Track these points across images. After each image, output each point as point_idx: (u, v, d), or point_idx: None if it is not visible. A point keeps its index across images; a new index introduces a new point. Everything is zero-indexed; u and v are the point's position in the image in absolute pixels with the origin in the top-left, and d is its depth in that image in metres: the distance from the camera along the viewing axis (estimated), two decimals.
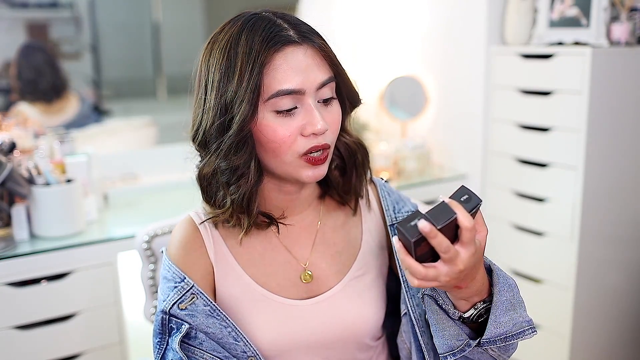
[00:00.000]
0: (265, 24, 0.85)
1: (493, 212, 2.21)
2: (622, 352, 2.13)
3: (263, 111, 0.85)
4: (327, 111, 0.88)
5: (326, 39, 0.89)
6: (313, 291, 0.97)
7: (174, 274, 0.92)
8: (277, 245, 0.98)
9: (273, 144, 0.86)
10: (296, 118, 0.86)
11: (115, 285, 1.70)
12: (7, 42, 2.68)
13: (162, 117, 2.82)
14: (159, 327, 0.90)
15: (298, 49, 0.85)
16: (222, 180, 0.89)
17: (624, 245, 2.04)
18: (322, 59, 0.87)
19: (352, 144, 0.97)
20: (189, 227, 0.96)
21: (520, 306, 0.85)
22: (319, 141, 0.86)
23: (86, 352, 1.67)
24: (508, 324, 0.83)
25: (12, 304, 1.56)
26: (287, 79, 0.84)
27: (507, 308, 0.83)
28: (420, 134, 2.44)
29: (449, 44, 2.28)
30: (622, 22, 1.86)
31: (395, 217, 1.01)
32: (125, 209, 2.00)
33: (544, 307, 2.03)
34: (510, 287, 0.84)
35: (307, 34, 0.86)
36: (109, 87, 3.05)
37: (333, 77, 0.88)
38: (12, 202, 1.62)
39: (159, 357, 0.91)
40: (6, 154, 1.65)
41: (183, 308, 0.89)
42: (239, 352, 0.91)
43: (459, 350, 0.84)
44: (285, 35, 0.84)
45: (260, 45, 0.83)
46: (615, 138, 1.92)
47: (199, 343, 0.90)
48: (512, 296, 0.84)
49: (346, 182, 0.99)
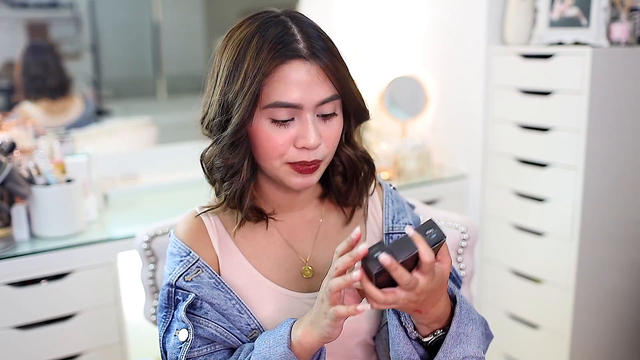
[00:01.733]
0: (278, 31, 0.85)
1: (493, 212, 2.21)
2: (622, 352, 2.13)
3: (259, 117, 0.86)
4: (325, 125, 0.89)
5: (339, 53, 0.89)
6: (314, 286, 0.98)
7: (179, 248, 0.95)
8: (279, 240, 0.99)
9: (264, 149, 0.88)
10: (291, 129, 0.87)
11: (115, 285, 1.70)
12: (7, 42, 2.68)
13: (162, 117, 2.82)
14: (164, 301, 0.94)
15: (303, 65, 0.85)
16: (217, 177, 0.92)
17: (624, 245, 2.04)
18: (327, 77, 0.87)
19: (355, 157, 0.98)
20: (193, 219, 0.99)
21: (476, 343, 0.86)
22: (309, 157, 0.88)
23: (86, 352, 1.68)
24: (458, 356, 0.84)
25: (12, 304, 1.56)
26: (287, 92, 0.84)
27: (461, 340, 0.84)
28: (420, 134, 2.44)
29: (449, 44, 2.28)
30: (622, 22, 1.86)
31: (392, 227, 1.01)
32: (125, 209, 2.00)
33: (544, 307, 2.03)
34: (472, 322, 0.86)
35: (317, 50, 0.86)
36: (109, 87, 3.05)
37: (337, 95, 0.88)
38: (12, 202, 1.62)
39: (164, 330, 0.93)
40: (6, 154, 1.65)
41: (189, 280, 0.92)
42: (242, 324, 0.93)
43: None
44: (294, 48, 0.84)
45: (267, 53, 0.84)
46: (615, 138, 1.92)
47: (204, 312, 0.92)
48: (472, 330, 0.86)
49: (346, 189, 1.00)
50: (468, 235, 1.26)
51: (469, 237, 1.27)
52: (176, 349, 0.91)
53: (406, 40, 2.47)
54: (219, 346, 0.93)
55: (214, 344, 0.93)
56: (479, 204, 2.25)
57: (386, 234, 1.01)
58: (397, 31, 2.50)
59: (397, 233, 1.01)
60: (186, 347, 0.90)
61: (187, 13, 3.59)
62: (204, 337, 0.92)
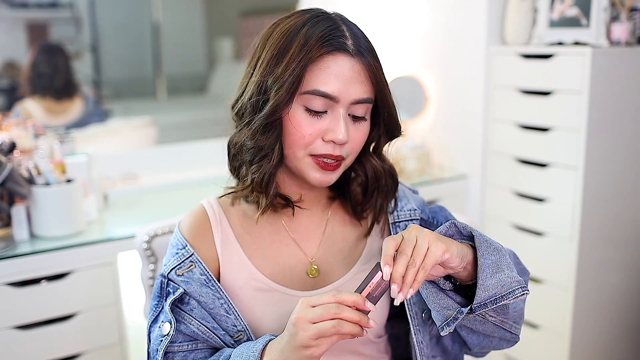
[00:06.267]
0: (329, 24, 0.88)
1: (493, 212, 2.21)
2: (622, 352, 2.13)
3: (296, 103, 0.87)
4: (354, 127, 0.90)
5: (380, 60, 0.91)
6: (319, 285, 0.98)
7: (178, 240, 0.97)
8: (286, 238, 0.99)
9: (293, 137, 0.88)
10: (323, 121, 0.88)
11: (115, 285, 1.70)
12: (7, 42, 2.68)
13: (162, 117, 2.83)
14: (158, 290, 0.95)
15: (348, 60, 0.87)
16: (246, 159, 0.92)
17: (624, 245, 2.04)
18: (368, 77, 0.88)
19: (380, 168, 0.98)
20: (199, 214, 1.00)
21: (508, 267, 0.86)
22: (334, 151, 0.89)
23: (86, 352, 1.68)
24: (496, 286, 0.84)
25: (12, 304, 1.56)
26: (327, 82, 0.86)
27: (493, 271, 0.84)
28: (420, 134, 2.44)
29: (449, 44, 2.28)
30: (622, 22, 1.86)
31: (397, 215, 1.01)
32: (125, 209, 2.00)
33: (544, 307, 2.03)
34: (496, 250, 0.86)
35: (363, 49, 0.88)
36: (109, 87, 3.05)
37: (372, 99, 0.90)
38: (12, 202, 1.62)
39: (152, 319, 0.95)
40: (6, 154, 1.65)
41: (180, 274, 0.94)
42: (229, 325, 0.94)
43: (452, 319, 0.85)
44: (341, 42, 0.86)
45: (316, 41, 0.86)
46: (615, 138, 1.92)
47: (190, 309, 0.93)
48: (499, 258, 0.85)
49: (366, 201, 1.00)
50: None
51: None
52: (158, 340, 0.92)
53: (406, 40, 2.47)
54: (201, 345, 0.94)
55: (195, 341, 0.94)
56: (479, 204, 2.25)
57: (393, 224, 1.01)
58: (397, 31, 2.50)
59: (403, 221, 1.01)
60: (166, 341, 0.91)
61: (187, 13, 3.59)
62: (186, 333, 0.93)
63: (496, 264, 0.84)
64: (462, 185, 2.28)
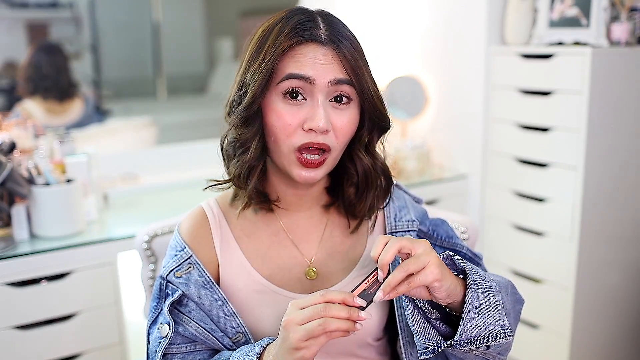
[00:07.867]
0: (303, 17, 0.88)
1: (493, 212, 2.21)
2: (622, 352, 2.13)
3: (273, 94, 0.87)
4: (336, 113, 0.88)
5: (361, 51, 0.90)
6: (317, 287, 0.97)
7: (176, 242, 0.97)
8: (284, 240, 0.99)
9: (275, 129, 0.88)
10: (302, 110, 0.87)
11: (115, 285, 1.70)
12: (7, 42, 2.68)
13: (162, 117, 2.83)
14: (157, 292, 0.95)
15: (319, 47, 0.87)
16: (230, 153, 0.93)
17: (624, 245, 2.04)
18: (341, 63, 0.87)
19: (371, 167, 0.96)
20: (198, 216, 1.00)
21: (496, 310, 0.85)
22: (317, 139, 0.87)
23: (86, 352, 1.67)
24: (479, 327, 0.83)
25: (12, 304, 1.56)
26: (301, 67, 0.86)
27: (479, 311, 0.83)
28: (420, 134, 2.44)
29: (449, 44, 2.28)
30: (622, 22, 1.86)
31: (395, 225, 1.00)
32: (125, 209, 2.00)
33: (544, 307, 2.03)
34: (487, 291, 0.85)
35: (337, 39, 0.87)
36: (109, 87, 3.05)
37: (350, 81, 0.88)
38: (12, 202, 1.62)
39: (151, 320, 0.95)
40: (6, 154, 1.65)
41: (178, 276, 0.94)
42: (227, 326, 0.93)
43: (430, 350, 0.85)
44: (314, 33, 0.86)
45: (288, 33, 0.86)
46: (615, 138, 1.92)
47: (189, 311, 0.93)
48: (488, 299, 0.84)
49: (358, 201, 0.97)
50: (468, 235, 1.26)
51: (469, 237, 1.26)
52: (157, 342, 0.92)
53: (406, 40, 2.47)
54: (200, 346, 0.94)
55: (194, 343, 0.93)
56: (479, 204, 2.25)
57: (390, 233, 1.00)
58: (397, 31, 2.50)
59: (400, 231, 1.00)
60: (165, 343, 0.91)
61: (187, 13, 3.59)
62: (184, 335, 0.93)
63: (484, 305, 0.84)
64: (462, 185, 2.28)
